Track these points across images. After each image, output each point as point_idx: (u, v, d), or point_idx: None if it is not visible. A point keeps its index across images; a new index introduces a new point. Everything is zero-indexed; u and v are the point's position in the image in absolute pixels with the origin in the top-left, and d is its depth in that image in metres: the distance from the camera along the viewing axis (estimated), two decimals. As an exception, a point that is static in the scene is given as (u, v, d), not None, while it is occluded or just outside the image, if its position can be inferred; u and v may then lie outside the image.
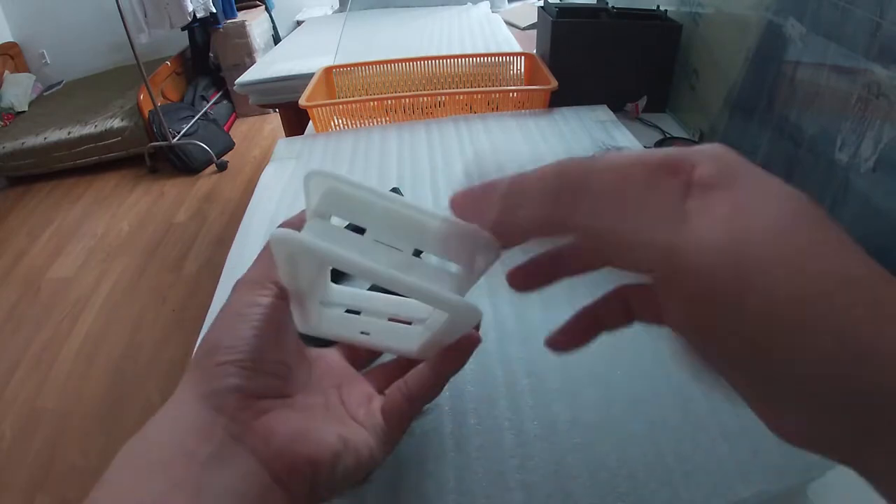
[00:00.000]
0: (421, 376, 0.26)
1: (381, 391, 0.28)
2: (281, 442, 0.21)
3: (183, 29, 2.56)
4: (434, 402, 0.35)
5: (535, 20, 0.88)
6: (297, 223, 0.24)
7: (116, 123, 2.54)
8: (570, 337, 0.23)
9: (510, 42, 1.17)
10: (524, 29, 1.39)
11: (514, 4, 1.64)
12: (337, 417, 0.25)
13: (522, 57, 0.90)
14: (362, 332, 0.27)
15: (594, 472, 0.30)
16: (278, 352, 0.23)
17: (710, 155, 0.16)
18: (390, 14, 1.50)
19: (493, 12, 1.49)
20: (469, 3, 1.56)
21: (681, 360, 0.18)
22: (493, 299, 0.42)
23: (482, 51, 1.08)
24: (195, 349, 0.23)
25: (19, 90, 2.89)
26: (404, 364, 0.29)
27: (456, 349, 0.26)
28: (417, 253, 0.23)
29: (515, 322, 0.41)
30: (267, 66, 1.23)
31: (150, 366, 1.52)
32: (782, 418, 0.16)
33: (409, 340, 0.27)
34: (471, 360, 0.37)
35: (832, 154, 0.49)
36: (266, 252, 0.25)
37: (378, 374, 0.30)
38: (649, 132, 0.78)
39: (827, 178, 0.50)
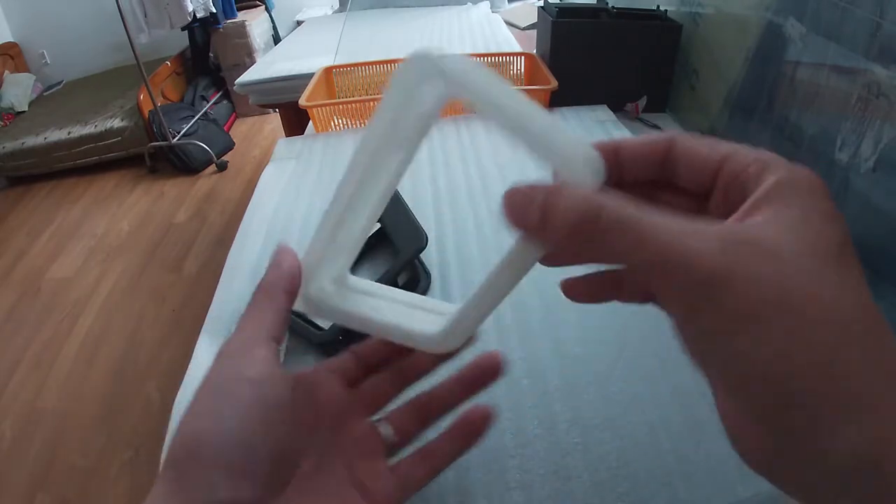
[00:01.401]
0: (439, 450, 0.24)
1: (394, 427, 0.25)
2: None
3: (183, 29, 2.56)
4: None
5: (535, 20, 0.88)
6: None
7: (116, 123, 2.54)
8: (586, 292, 0.22)
9: (510, 42, 1.17)
10: (524, 29, 1.39)
11: (514, 4, 1.64)
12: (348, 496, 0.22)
13: (522, 57, 0.90)
14: (375, 312, 0.24)
15: (594, 472, 0.30)
16: (277, 438, 0.20)
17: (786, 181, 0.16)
18: (390, 14, 1.50)
19: (493, 12, 1.49)
20: (469, 3, 1.56)
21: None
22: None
23: (482, 51, 1.08)
24: (173, 439, 0.19)
25: (19, 90, 2.89)
26: (420, 404, 0.25)
27: (469, 424, 0.24)
28: None
29: (515, 322, 0.41)
30: (267, 66, 1.23)
31: (150, 366, 1.52)
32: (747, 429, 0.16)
33: (430, 324, 0.23)
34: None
35: (832, 154, 0.49)
36: (255, 307, 0.22)
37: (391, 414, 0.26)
38: (649, 132, 0.78)
39: (827, 178, 0.50)
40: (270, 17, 3.11)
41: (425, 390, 0.25)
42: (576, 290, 0.22)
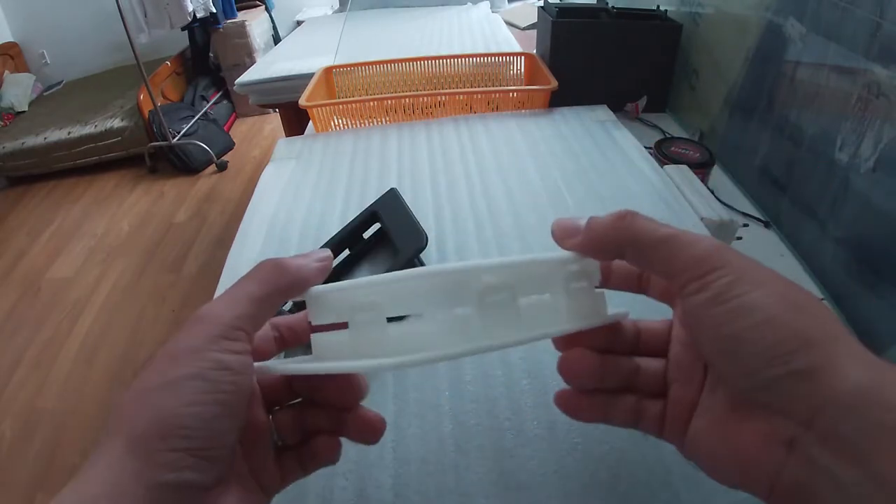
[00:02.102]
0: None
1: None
2: None
3: (183, 29, 2.56)
4: (434, 402, 0.35)
5: (535, 20, 0.88)
6: None
7: (116, 123, 2.54)
8: (578, 405, 0.25)
9: (510, 42, 1.17)
10: (524, 29, 1.39)
11: (514, 4, 1.64)
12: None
13: (522, 57, 0.90)
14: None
15: (594, 472, 0.30)
16: (238, 427, 0.20)
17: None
18: (390, 14, 1.50)
19: (493, 12, 1.49)
20: (469, 3, 1.56)
21: None
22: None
23: (482, 51, 1.08)
24: (136, 410, 0.19)
25: (19, 90, 2.89)
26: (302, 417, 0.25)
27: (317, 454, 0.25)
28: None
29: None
30: (267, 66, 1.23)
31: (150, 366, 1.52)
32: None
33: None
34: (471, 360, 0.37)
35: (832, 154, 0.49)
36: (243, 284, 0.22)
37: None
38: (649, 132, 0.78)
39: (827, 178, 0.50)
40: (270, 17, 3.11)
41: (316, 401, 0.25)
42: (569, 404, 0.25)
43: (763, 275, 0.19)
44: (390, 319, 0.22)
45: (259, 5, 3.05)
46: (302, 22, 2.07)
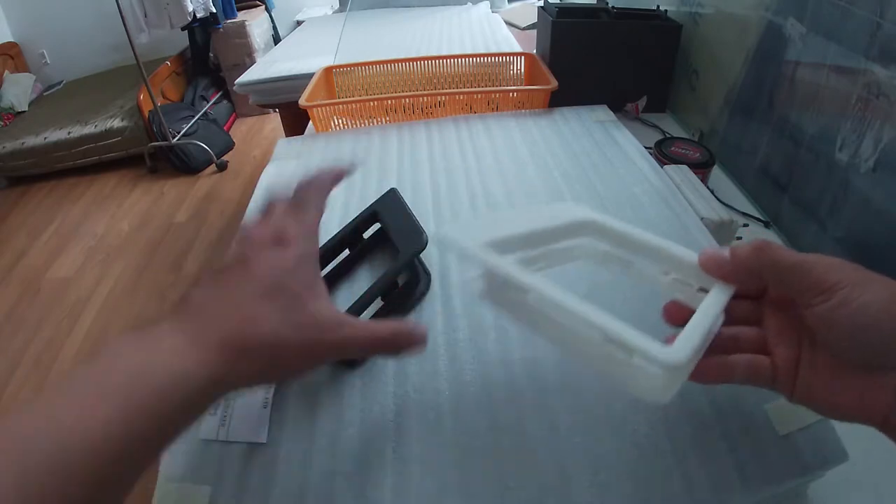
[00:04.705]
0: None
1: None
2: None
3: (183, 29, 2.56)
4: (434, 402, 0.35)
5: (535, 20, 0.88)
6: None
7: (116, 123, 2.54)
8: (707, 373, 0.27)
9: (510, 42, 1.17)
10: (524, 29, 1.39)
11: (514, 4, 1.64)
12: None
13: (522, 57, 0.90)
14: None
15: (594, 472, 0.30)
16: None
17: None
18: (390, 14, 1.50)
19: (493, 12, 1.49)
20: (469, 3, 1.56)
21: None
22: (493, 299, 0.42)
23: (482, 51, 1.08)
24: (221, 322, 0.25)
25: (19, 90, 2.89)
26: None
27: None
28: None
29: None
30: (267, 66, 1.23)
31: (150, 366, 1.52)
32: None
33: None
34: (471, 360, 0.37)
35: (832, 154, 0.49)
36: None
37: None
38: (649, 132, 0.78)
39: (827, 178, 0.50)
40: (270, 17, 3.11)
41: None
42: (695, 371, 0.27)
43: (870, 279, 0.24)
44: None
45: (259, 5, 3.05)
46: (302, 22, 2.07)
